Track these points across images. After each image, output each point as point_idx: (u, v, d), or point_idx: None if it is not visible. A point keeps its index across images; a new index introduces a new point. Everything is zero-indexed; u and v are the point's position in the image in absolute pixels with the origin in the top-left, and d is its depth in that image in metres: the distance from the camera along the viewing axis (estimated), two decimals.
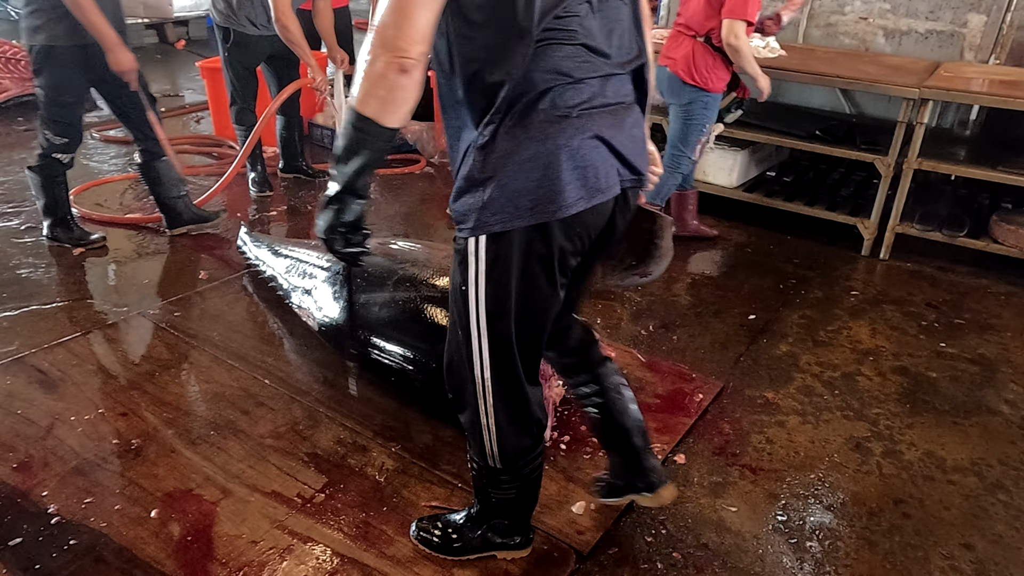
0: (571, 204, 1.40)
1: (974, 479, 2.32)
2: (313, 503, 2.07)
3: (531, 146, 1.37)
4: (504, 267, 1.45)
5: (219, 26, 3.92)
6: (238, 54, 3.95)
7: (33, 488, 2.07)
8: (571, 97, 1.39)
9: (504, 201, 1.39)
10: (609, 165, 1.46)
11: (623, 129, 1.48)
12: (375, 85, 1.29)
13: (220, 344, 2.80)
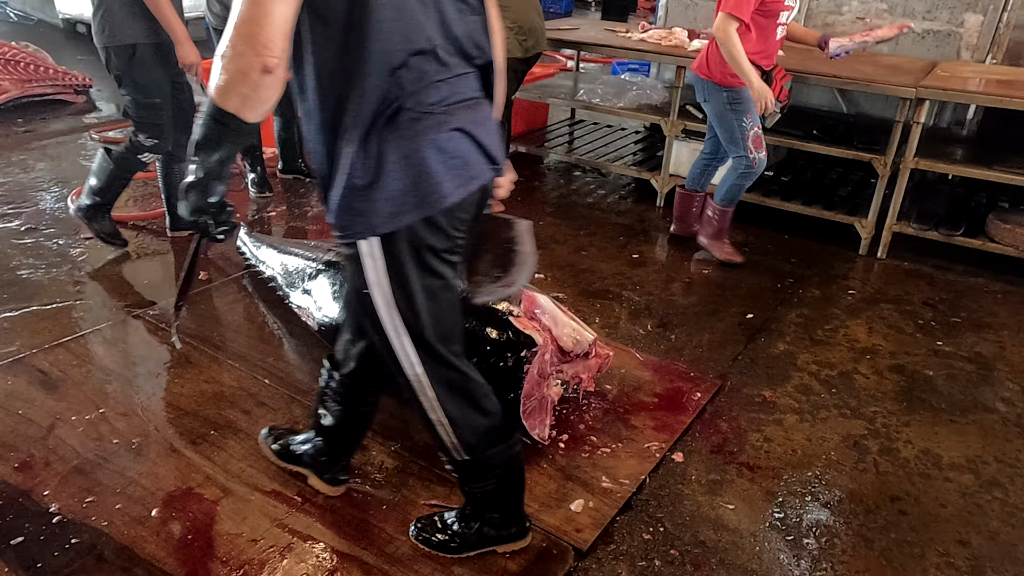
0: (449, 194, 1.47)
1: (970, 476, 2.33)
2: (313, 502, 2.08)
3: (402, 145, 1.42)
4: (400, 263, 1.50)
5: (215, 29, 3.93)
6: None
7: (34, 487, 2.08)
8: (432, 95, 1.45)
9: (387, 201, 1.43)
10: (475, 155, 1.53)
11: (480, 121, 1.56)
12: (238, 83, 1.28)
13: (220, 344, 2.81)
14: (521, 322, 2.24)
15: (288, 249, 3.04)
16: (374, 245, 1.48)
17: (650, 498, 2.17)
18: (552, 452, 2.31)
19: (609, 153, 4.88)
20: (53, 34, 8.24)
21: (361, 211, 1.44)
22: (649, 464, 2.29)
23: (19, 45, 6.03)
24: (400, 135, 1.42)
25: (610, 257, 3.72)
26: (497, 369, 2.17)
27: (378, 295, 1.53)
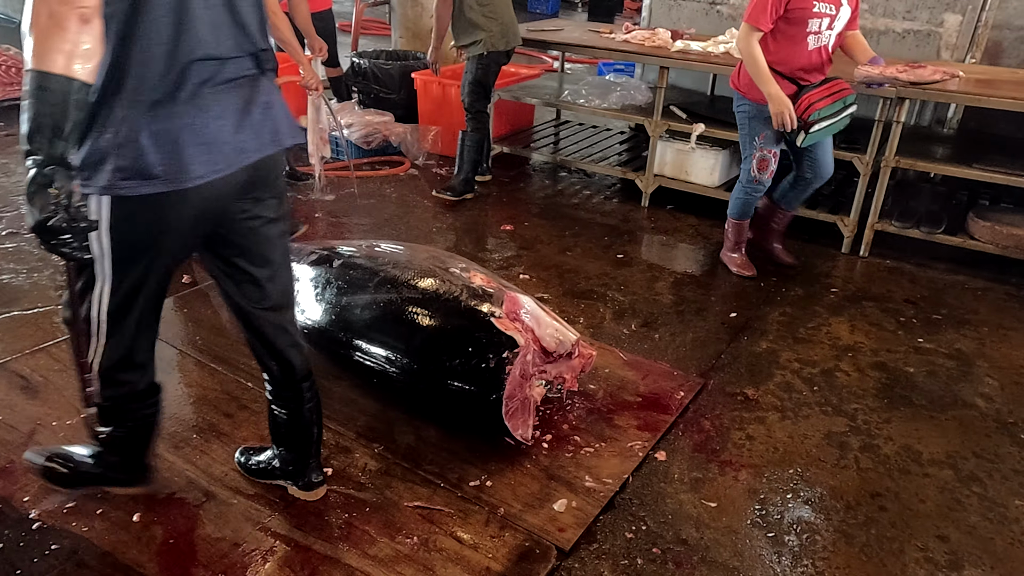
0: (197, 176, 1.50)
1: (949, 472, 2.36)
2: (296, 505, 2.08)
3: (161, 122, 1.45)
4: (129, 227, 1.55)
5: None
6: None
7: (14, 493, 2.07)
8: (196, 75, 1.48)
9: (134, 169, 1.45)
10: (233, 139, 1.56)
11: (244, 104, 1.58)
12: (58, 39, 1.26)
13: (203, 348, 2.80)
14: (503, 323, 2.24)
15: None
16: (105, 203, 1.50)
17: (633, 497, 2.18)
18: (535, 452, 2.32)
19: (594, 154, 4.90)
20: None
21: (108, 168, 1.45)
22: (632, 463, 2.30)
23: (1, 48, 5.98)
24: (157, 113, 1.45)
25: (595, 257, 3.74)
26: (479, 370, 2.18)
27: (98, 245, 1.57)
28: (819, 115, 3.12)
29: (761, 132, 3.27)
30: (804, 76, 3.19)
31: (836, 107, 3.17)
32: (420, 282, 2.43)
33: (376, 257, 2.66)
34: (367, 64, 5.40)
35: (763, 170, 3.34)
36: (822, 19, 3.07)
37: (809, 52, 3.15)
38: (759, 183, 3.38)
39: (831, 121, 3.18)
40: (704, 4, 4.95)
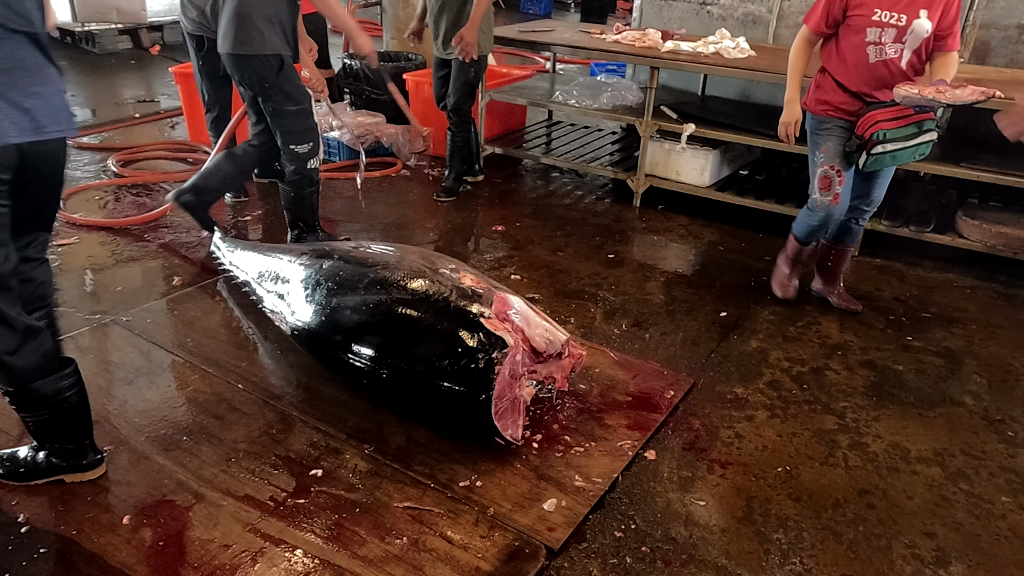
0: None
1: (937, 469, 2.37)
2: (286, 506, 2.08)
3: None
4: None
5: (191, 34, 3.91)
6: (213, 62, 3.94)
7: (3, 497, 2.07)
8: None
9: None
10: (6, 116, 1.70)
11: (19, 87, 1.73)
12: None
13: (193, 350, 2.80)
14: (492, 323, 2.25)
15: (262, 254, 3.03)
16: None
17: (622, 496, 2.19)
18: (526, 452, 2.32)
19: (586, 154, 4.91)
20: None
21: None
22: (622, 462, 2.31)
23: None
24: None
25: (586, 257, 3.75)
26: (468, 370, 2.19)
27: None
28: (883, 136, 2.78)
29: (821, 145, 2.99)
30: (870, 93, 2.86)
31: (907, 131, 2.80)
32: (410, 283, 2.43)
33: (366, 258, 2.66)
34: (359, 66, 5.40)
35: (824, 190, 3.01)
36: (883, 29, 2.76)
37: (870, 65, 2.82)
38: (820, 206, 3.03)
39: (900, 146, 2.81)
40: (695, 4, 4.96)
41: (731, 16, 4.85)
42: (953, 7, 2.75)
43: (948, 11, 2.75)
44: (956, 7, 2.75)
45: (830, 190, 3.01)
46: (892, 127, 2.79)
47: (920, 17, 2.73)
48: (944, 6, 2.74)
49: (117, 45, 7.93)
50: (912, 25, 2.74)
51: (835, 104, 2.94)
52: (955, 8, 2.75)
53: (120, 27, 7.90)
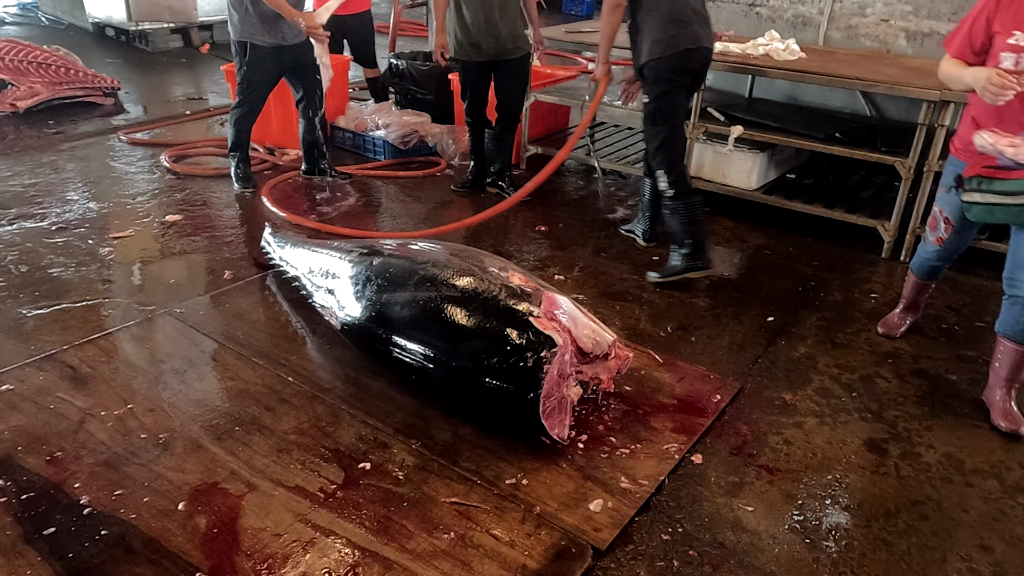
0: None
1: (994, 482, 2.31)
2: (335, 498, 2.12)
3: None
4: None
5: (236, 40, 3.99)
6: (257, 67, 4.02)
7: (65, 480, 2.13)
8: None
9: None
10: None
11: None
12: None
13: (244, 342, 2.86)
14: (541, 322, 2.26)
15: (312, 249, 3.08)
16: None
17: (669, 499, 2.18)
18: (571, 452, 2.33)
19: (629, 155, 4.88)
20: (83, 38, 8.40)
21: None
22: (668, 465, 2.30)
23: (50, 49, 6.15)
24: None
25: (630, 259, 3.73)
26: (517, 369, 2.19)
27: None
28: (977, 184, 2.38)
29: (945, 185, 2.68)
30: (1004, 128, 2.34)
31: (1010, 186, 2.31)
32: (459, 280, 2.45)
33: (415, 255, 2.69)
34: (404, 65, 5.45)
35: (932, 228, 2.79)
36: (1020, 55, 2.32)
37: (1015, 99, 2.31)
38: (926, 242, 2.86)
39: (996, 200, 2.36)
40: (743, 6, 4.91)
41: (780, 18, 4.79)
42: None
43: None
44: None
45: (935, 231, 2.77)
46: (990, 175, 2.34)
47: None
48: None
49: (169, 44, 8.13)
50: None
51: (964, 143, 2.53)
52: None
53: (172, 26, 8.10)
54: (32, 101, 5.64)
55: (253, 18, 3.90)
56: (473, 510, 2.09)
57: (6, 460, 2.20)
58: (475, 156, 4.53)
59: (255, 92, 4.13)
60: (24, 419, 2.38)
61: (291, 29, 3.99)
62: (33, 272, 3.33)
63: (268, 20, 3.91)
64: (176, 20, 8.06)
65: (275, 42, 3.98)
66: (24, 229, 3.74)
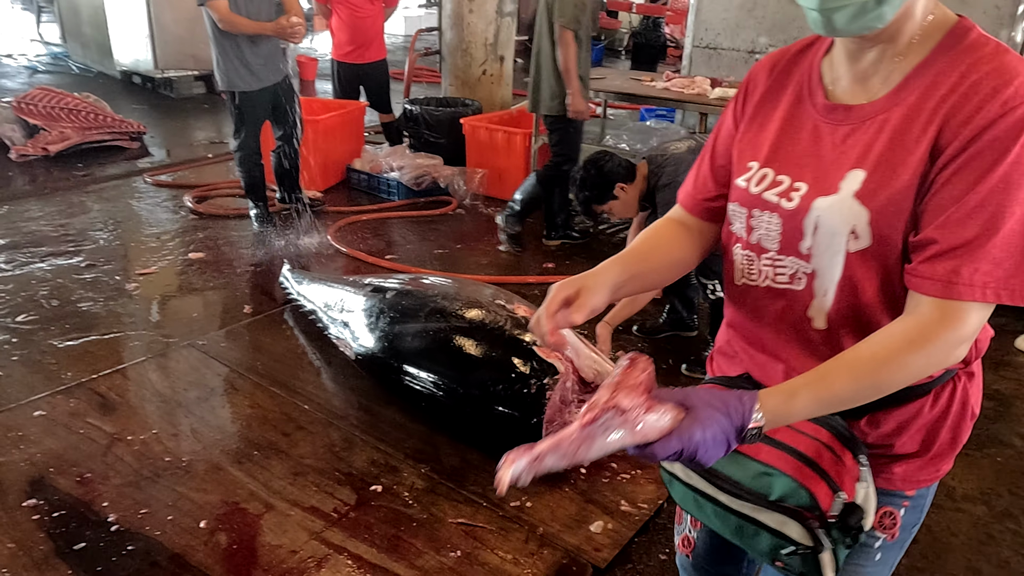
0: None
1: (983, 508, 2.39)
2: (348, 518, 2.23)
3: None
4: None
5: (224, 90, 4.25)
6: (250, 111, 4.28)
7: (94, 499, 2.26)
8: None
9: None
10: None
11: None
12: None
13: (263, 372, 2.99)
14: (544, 352, 2.38)
15: (328, 285, 3.24)
16: None
17: (668, 521, 2.27)
18: (574, 477, 2.43)
19: None
20: (111, 85, 8.75)
21: None
22: (667, 490, 2.38)
23: (81, 96, 6.44)
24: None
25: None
26: (521, 395, 2.32)
27: None
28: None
29: None
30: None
31: (740, 472, 1.10)
32: (466, 312, 2.59)
33: (425, 289, 2.83)
34: (418, 110, 5.68)
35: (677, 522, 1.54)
36: (755, 212, 1.13)
37: (739, 290, 1.20)
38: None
39: (700, 486, 1.14)
40: (743, 53, 5.12)
41: None
42: (972, 171, 0.92)
43: (956, 178, 0.93)
44: (990, 172, 0.91)
45: (680, 527, 1.54)
46: None
47: (838, 191, 1.00)
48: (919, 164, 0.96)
49: (192, 90, 8.45)
50: (813, 207, 1.02)
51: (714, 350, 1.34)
52: (979, 175, 0.91)
53: (196, 74, 8.43)
54: (63, 145, 5.90)
55: (234, 65, 4.14)
56: (479, 530, 2.19)
57: (39, 480, 2.33)
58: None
59: (248, 133, 4.35)
60: (56, 443, 2.51)
61: (268, 70, 4.24)
62: (64, 306, 3.50)
63: (248, 66, 4.16)
64: (200, 68, 8.40)
65: (259, 85, 4.23)
66: (55, 266, 3.93)
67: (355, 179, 5.46)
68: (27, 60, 10.34)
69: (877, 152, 0.98)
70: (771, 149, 1.10)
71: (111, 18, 8.58)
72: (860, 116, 1.02)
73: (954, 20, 0.99)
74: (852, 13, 0.92)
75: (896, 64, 1.00)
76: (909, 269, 0.96)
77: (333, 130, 5.31)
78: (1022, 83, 0.91)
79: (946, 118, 0.93)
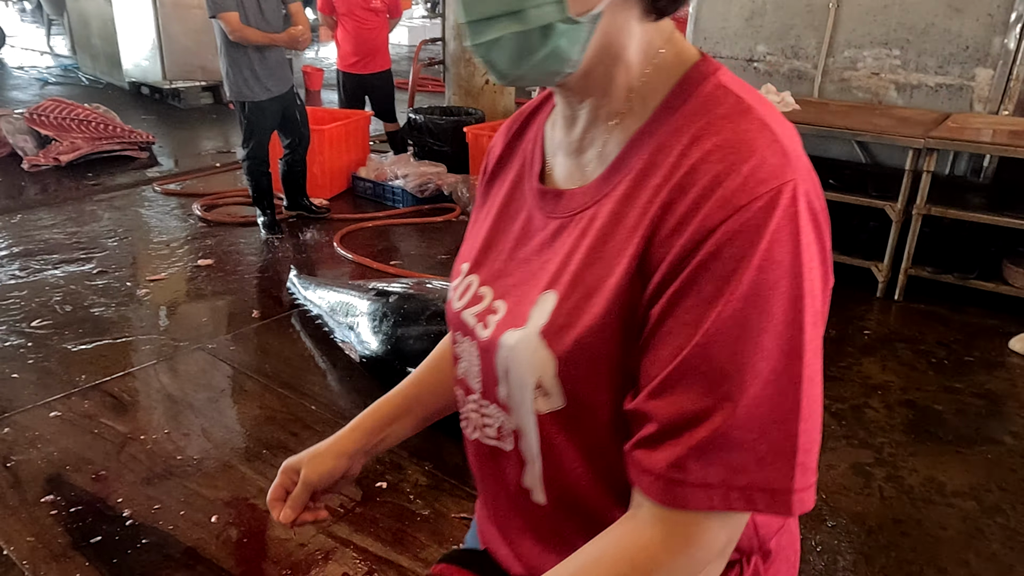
0: None
1: (973, 503, 2.45)
2: (354, 513, 2.30)
3: None
4: None
5: (235, 100, 4.35)
6: (259, 120, 4.37)
7: (109, 495, 2.34)
8: None
9: None
10: None
11: None
12: None
13: (271, 374, 3.07)
14: None
15: (333, 290, 3.32)
16: None
17: None
18: None
19: None
20: (120, 96, 8.89)
21: None
22: None
23: (91, 106, 6.56)
24: None
25: None
26: None
27: None
28: None
29: None
30: None
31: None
32: None
33: (428, 293, 2.91)
34: (422, 119, 5.77)
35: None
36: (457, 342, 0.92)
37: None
38: None
39: None
40: (741, 61, 5.19)
41: (777, 72, 5.06)
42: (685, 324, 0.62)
43: (671, 320, 0.63)
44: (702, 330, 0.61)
45: None
46: None
47: (526, 323, 0.71)
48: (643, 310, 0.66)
49: (200, 101, 8.58)
50: (500, 343, 0.74)
51: None
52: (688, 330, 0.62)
53: (203, 84, 8.56)
54: (73, 155, 6.01)
55: (244, 76, 4.24)
56: None
57: (56, 478, 2.41)
58: None
59: (257, 142, 4.44)
60: (71, 442, 2.59)
61: (277, 80, 4.35)
62: (77, 311, 3.59)
63: (257, 76, 4.26)
64: (207, 79, 8.53)
65: (268, 95, 4.33)
66: (68, 273, 4.03)
67: (360, 187, 5.55)
68: (38, 72, 10.50)
69: (574, 267, 0.69)
70: (482, 247, 0.82)
71: (120, 30, 8.73)
72: (569, 207, 0.73)
73: (692, 60, 0.69)
74: (512, 51, 0.65)
75: (611, 131, 0.71)
76: (627, 450, 0.66)
77: (339, 139, 5.41)
78: (758, 166, 0.61)
79: (655, 222, 0.63)
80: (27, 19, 16.87)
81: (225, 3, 4.01)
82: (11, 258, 4.18)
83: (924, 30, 4.50)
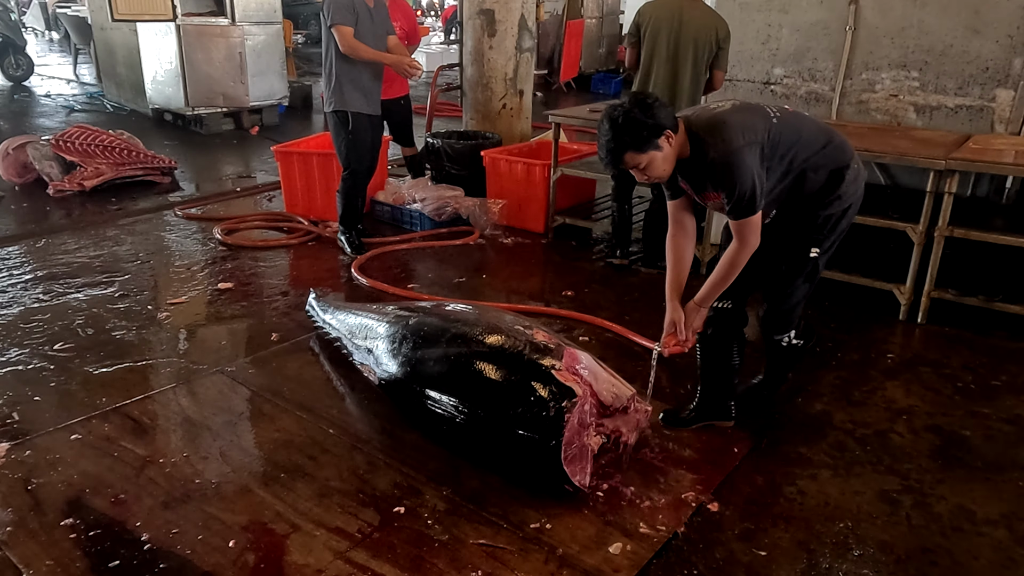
0: None
1: (1004, 531, 2.38)
2: (372, 538, 2.28)
3: None
4: None
5: (335, 111, 4.45)
6: (362, 134, 4.50)
7: (127, 519, 2.34)
8: None
9: None
10: None
11: None
12: None
13: (290, 398, 3.07)
14: (562, 375, 2.44)
15: (352, 313, 3.32)
16: None
17: (685, 544, 2.30)
18: (593, 499, 2.46)
19: None
20: (144, 122, 9.04)
21: None
22: (685, 512, 2.42)
23: (115, 133, 6.68)
24: None
25: (652, 322, 3.88)
26: (540, 418, 2.37)
27: None
28: None
29: None
30: None
31: None
32: (487, 338, 2.66)
33: (447, 316, 2.91)
34: (440, 144, 5.81)
35: None
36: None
37: None
38: None
39: None
40: (758, 84, 5.20)
41: (794, 94, 5.06)
42: None
43: None
44: None
45: None
46: None
47: None
48: None
49: (221, 126, 8.71)
50: None
51: None
52: None
53: (225, 111, 8.69)
54: (97, 180, 6.11)
55: (349, 88, 4.37)
56: (500, 551, 2.23)
57: (75, 501, 2.42)
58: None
59: (358, 155, 4.55)
60: (91, 465, 2.60)
61: (372, 101, 4.50)
62: (98, 335, 3.62)
63: (361, 89, 4.40)
64: (229, 105, 8.66)
65: (369, 110, 4.48)
66: (90, 296, 4.07)
67: (379, 211, 5.58)
68: (65, 99, 10.73)
69: None
70: None
71: (145, 59, 8.91)
72: None
73: None
74: None
75: None
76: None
77: None
78: None
79: None
80: (55, 49, 17.27)
81: (345, 17, 4.21)
82: (35, 281, 4.24)
83: (943, 51, 4.49)
